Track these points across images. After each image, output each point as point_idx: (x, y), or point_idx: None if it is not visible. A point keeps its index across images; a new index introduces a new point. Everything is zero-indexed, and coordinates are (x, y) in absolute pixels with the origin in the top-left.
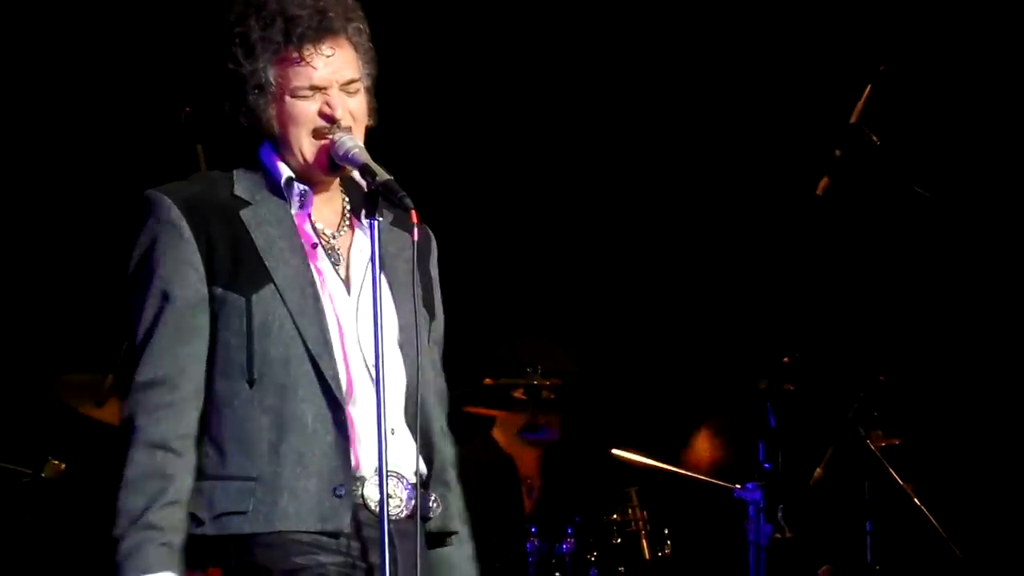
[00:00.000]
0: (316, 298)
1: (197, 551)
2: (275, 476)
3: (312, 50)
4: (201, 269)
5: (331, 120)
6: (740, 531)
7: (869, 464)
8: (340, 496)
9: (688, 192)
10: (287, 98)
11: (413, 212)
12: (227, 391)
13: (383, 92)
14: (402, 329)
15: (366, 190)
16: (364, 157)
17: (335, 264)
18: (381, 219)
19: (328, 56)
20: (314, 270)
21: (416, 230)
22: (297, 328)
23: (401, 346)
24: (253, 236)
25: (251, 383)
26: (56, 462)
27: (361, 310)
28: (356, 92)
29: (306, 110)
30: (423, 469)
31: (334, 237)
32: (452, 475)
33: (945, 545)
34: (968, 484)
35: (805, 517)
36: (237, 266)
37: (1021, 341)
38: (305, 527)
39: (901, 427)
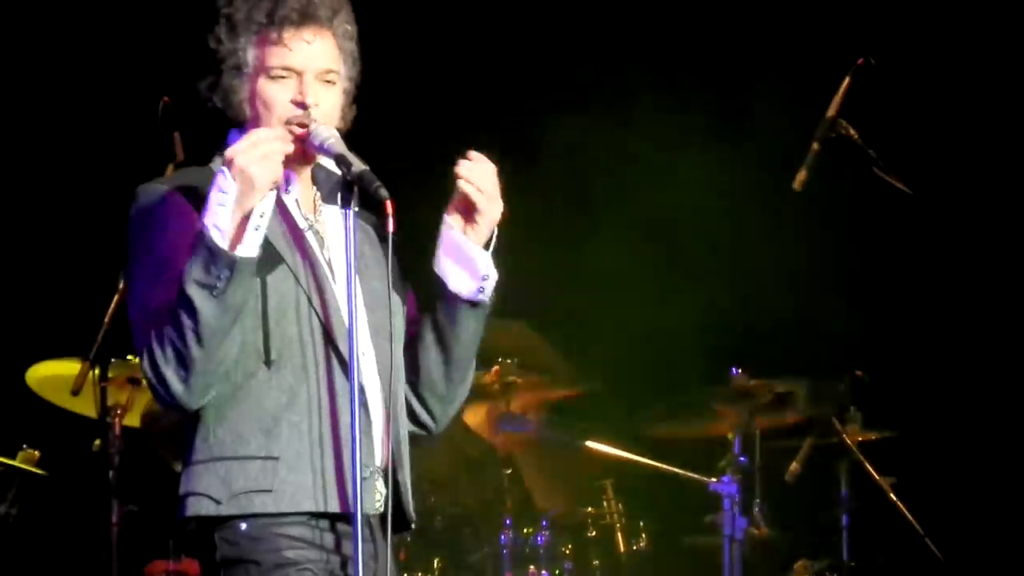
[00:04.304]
0: (324, 279)
1: (211, 530)
2: (299, 456)
3: (292, 33)
4: None
5: (302, 106)
6: (715, 525)
7: (846, 459)
8: (364, 478)
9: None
10: (261, 78)
11: (388, 203)
12: (242, 372)
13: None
14: (378, 320)
15: (342, 180)
16: (340, 147)
17: (321, 248)
18: (357, 209)
19: (308, 42)
20: (311, 254)
21: (391, 220)
22: (313, 309)
23: (375, 336)
24: None
25: (268, 364)
26: (30, 450)
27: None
28: (332, 84)
29: (278, 93)
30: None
31: (316, 222)
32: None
33: (921, 541)
34: (945, 480)
35: (781, 512)
36: None
37: (1002, 336)
38: (331, 508)
39: (878, 422)
